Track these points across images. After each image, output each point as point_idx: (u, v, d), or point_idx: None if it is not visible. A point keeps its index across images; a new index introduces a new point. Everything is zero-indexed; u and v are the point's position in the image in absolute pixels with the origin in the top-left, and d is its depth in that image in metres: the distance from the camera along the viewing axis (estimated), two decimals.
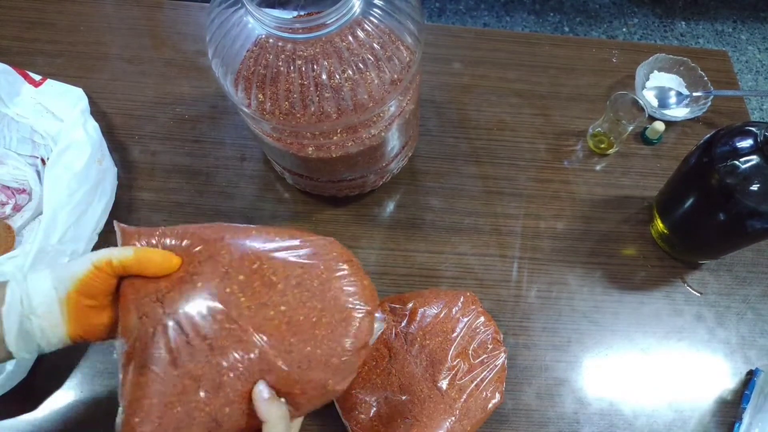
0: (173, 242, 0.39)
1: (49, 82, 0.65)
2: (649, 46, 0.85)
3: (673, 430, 0.59)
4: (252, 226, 0.41)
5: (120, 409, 0.36)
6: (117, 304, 0.37)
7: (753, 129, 0.55)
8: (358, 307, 0.39)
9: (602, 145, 0.74)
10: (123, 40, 0.77)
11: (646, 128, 0.75)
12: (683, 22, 1.93)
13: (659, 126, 0.74)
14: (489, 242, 0.67)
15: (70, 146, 0.59)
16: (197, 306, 0.36)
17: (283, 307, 0.38)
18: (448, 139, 0.74)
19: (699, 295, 0.66)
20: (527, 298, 0.64)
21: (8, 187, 0.62)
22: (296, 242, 0.40)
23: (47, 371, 0.56)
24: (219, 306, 0.37)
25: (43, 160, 0.64)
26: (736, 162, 0.54)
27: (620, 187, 0.72)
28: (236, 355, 0.36)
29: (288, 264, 0.39)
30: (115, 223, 0.40)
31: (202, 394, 0.36)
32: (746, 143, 0.54)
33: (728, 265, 0.68)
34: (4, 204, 0.61)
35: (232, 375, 0.36)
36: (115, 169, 0.65)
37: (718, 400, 0.60)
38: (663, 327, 0.64)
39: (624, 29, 1.90)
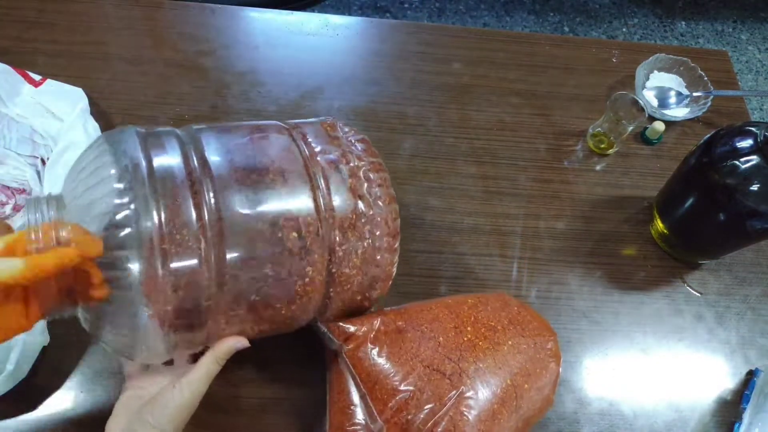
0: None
1: (49, 82, 0.65)
2: (649, 46, 0.85)
3: (673, 430, 0.59)
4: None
5: None
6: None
7: (753, 129, 0.55)
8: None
9: (602, 145, 0.74)
10: (123, 40, 0.77)
11: (646, 128, 0.75)
12: (683, 22, 1.93)
13: (659, 126, 0.74)
14: (489, 242, 0.67)
15: (70, 146, 0.59)
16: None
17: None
18: (448, 139, 0.74)
19: (699, 295, 0.66)
20: (527, 298, 0.64)
21: (8, 187, 0.62)
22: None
23: (47, 371, 0.56)
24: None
25: (43, 160, 0.64)
26: (736, 162, 0.54)
27: (620, 187, 0.72)
28: None
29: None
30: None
31: None
32: (746, 143, 0.54)
33: (728, 265, 0.68)
34: (4, 204, 0.61)
35: None
36: None
37: (718, 400, 0.60)
38: (663, 327, 0.64)
39: (624, 29, 1.89)
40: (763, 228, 0.55)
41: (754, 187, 0.53)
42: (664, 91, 0.79)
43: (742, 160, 0.54)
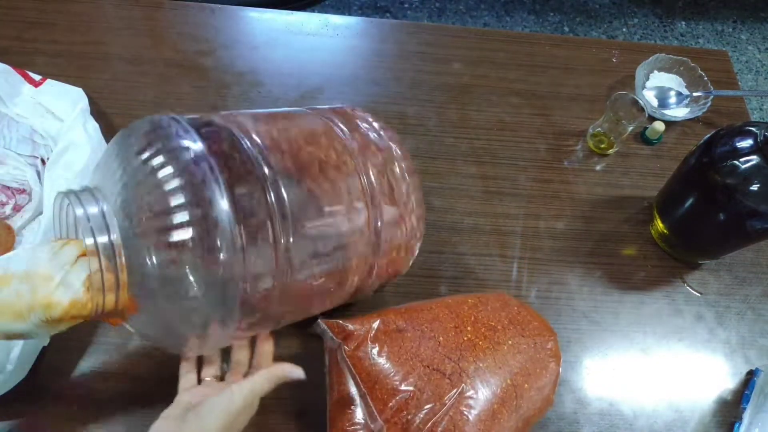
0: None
1: (49, 82, 0.65)
2: (649, 46, 0.85)
3: (673, 430, 0.59)
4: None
5: None
6: None
7: (753, 129, 0.55)
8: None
9: (602, 145, 0.74)
10: (123, 40, 0.77)
11: (646, 128, 0.75)
12: (683, 22, 1.93)
13: (659, 126, 0.74)
14: (489, 242, 0.67)
15: (70, 146, 0.59)
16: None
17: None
18: (448, 139, 0.74)
19: (699, 295, 0.66)
20: (527, 298, 0.64)
21: (8, 187, 0.62)
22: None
23: (47, 371, 0.56)
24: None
25: (43, 160, 0.64)
26: (736, 162, 0.54)
27: (620, 187, 0.72)
28: None
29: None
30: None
31: None
32: (746, 143, 0.54)
33: (728, 265, 0.68)
34: (4, 204, 0.61)
35: None
36: None
37: (718, 400, 0.60)
38: (663, 327, 0.64)
39: (624, 29, 1.89)
40: (763, 228, 0.55)
41: (754, 187, 0.53)
42: (664, 91, 0.79)
43: (742, 160, 0.54)
